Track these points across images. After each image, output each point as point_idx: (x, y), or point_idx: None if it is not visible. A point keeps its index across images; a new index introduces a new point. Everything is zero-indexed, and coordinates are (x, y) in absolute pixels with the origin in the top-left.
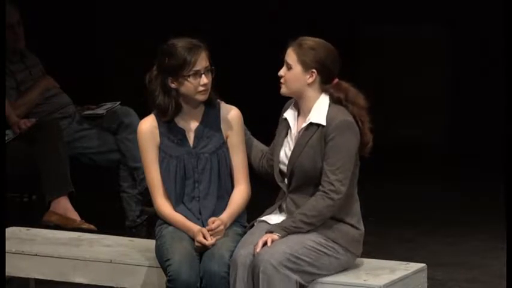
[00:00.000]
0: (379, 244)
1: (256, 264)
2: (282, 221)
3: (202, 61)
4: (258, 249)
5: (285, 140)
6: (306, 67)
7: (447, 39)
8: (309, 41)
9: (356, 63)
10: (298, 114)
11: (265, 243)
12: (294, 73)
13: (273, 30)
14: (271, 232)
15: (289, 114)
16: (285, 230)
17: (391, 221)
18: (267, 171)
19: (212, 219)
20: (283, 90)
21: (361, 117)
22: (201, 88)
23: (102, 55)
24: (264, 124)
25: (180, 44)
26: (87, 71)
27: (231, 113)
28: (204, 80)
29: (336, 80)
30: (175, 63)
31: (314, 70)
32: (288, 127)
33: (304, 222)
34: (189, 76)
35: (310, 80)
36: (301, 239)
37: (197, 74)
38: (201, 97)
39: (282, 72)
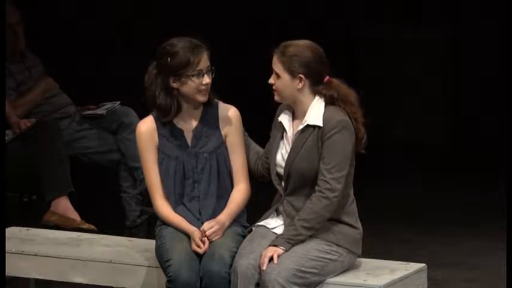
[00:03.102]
0: (379, 244)
1: (265, 283)
2: (284, 231)
3: (204, 61)
4: (264, 267)
5: (281, 142)
6: (293, 74)
7: (447, 39)
8: (292, 46)
9: (356, 63)
10: (293, 117)
11: (270, 259)
12: (282, 82)
13: (272, 30)
14: (275, 245)
15: (284, 117)
16: (288, 241)
17: (391, 221)
18: (262, 173)
19: (208, 222)
20: (277, 98)
21: (354, 113)
22: (202, 87)
23: (102, 55)
24: (263, 125)
25: (182, 44)
26: (87, 71)
27: (230, 113)
28: (207, 79)
29: (327, 78)
30: (179, 63)
31: (301, 76)
32: (283, 130)
33: (305, 227)
34: (192, 76)
35: (300, 85)
36: (305, 250)
37: (200, 73)
38: (202, 98)
39: (272, 80)
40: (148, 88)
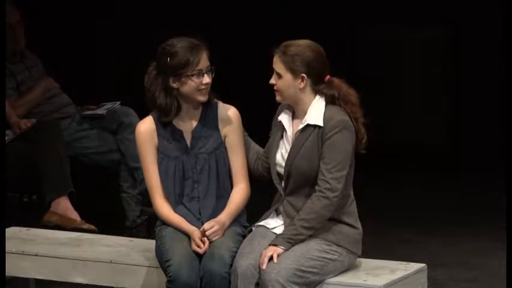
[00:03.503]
0: (379, 244)
1: (264, 282)
2: (284, 231)
3: (204, 60)
4: (263, 266)
5: (280, 142)
6: (295, 73)
7: (447, 39)
8: (293, 46)
9: (356, 63)
10: (293, 116)
11: (270, 258)
12: (284, 82)
13: (272, 30)
14: (275, 245)
15: (284, 117)
16: (288, 241)
17: (391, 221)
18: (262, 173)
19: (208, 222)
20: (278, 98)
21: (354, 113)
22: (202, 87)
23: (102, 55)
24: (263, 125)
25: (181, 44)
26: (87, 71)
27: (229, 113)
28: (207, 79)
29: (328, 77)
30: (178, 63)
31: (303, 75)
32: (283, 129)
33: (305, 227)
34: (192, 75)
35: (302, 85)
36: (305, 249)
37: (200, 73)
38: (202, 98)
39: (273, 80)
40: (148, 89)
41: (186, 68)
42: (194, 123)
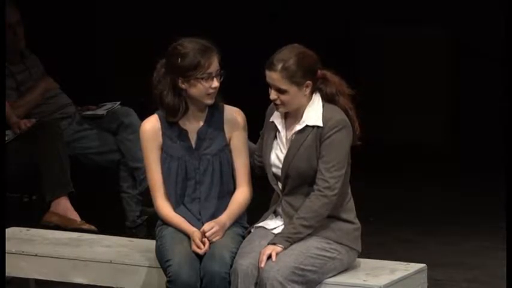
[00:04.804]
0: (379, 244)
1: (263, 281)
2: (283, 230)
3: (214, 64)
4: (262, 264)
5: (274, 143)
6: (300, 84)
7: (447, 39)
8: (290, 60)
9: (356, 63)
10: (286, 117)
11: (269, 256)
12: (291, 95)
13: (272, 30)
14: (273, 243)
15: (276, 117)
16: (287, 240)
17: (391, 221)
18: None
19: (208, 223)
20: (283, 110)
21: (347, 104)
22: (211, 91)
23: (102, 55)
24: (262, 124)
25: (192, 45)
26: (87, 71)
27: (235, 115)
28: (215, 83)
29: (319, 73)
30: (189, 65)
31: (308, 82)
32: (276, 130)
33: (304, 225)
34: (202, 78)
35: (307, 90)
36: (304, 248)
37: (209, 76)
38: (209, 101)
39: (274, 95)
40: (156, 86)
41: (196, 70)
42: (200, 124)
